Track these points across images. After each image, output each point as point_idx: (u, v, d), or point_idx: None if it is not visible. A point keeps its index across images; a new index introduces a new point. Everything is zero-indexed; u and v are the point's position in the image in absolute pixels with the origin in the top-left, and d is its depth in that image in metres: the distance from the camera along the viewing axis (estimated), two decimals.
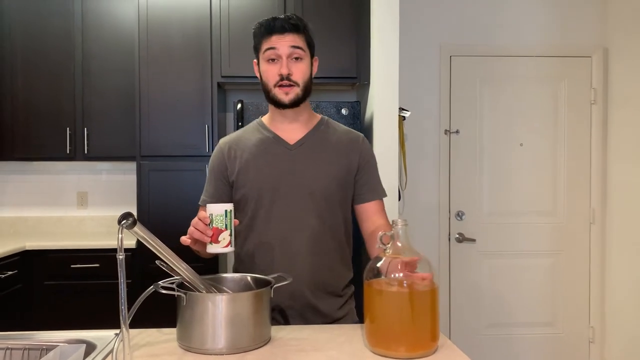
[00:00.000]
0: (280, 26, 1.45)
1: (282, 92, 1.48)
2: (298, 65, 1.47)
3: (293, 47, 1.46)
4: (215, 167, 1.59)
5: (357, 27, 3.16)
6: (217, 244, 1.30)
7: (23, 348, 1.25)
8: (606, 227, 3.56)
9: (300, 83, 1.48)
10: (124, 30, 3.37)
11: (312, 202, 1.50)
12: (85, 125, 3.37)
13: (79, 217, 3.69)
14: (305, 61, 1.49)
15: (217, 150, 1.61)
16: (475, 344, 3.54)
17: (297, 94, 1.48)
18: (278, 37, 1.45)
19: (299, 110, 1.53)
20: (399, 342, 1.14)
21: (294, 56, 1.47)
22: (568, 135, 3.59)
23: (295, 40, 1.46)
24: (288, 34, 1.46)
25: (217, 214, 1.30)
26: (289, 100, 1.48)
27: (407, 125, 3.34)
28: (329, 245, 1.53)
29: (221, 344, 1.16)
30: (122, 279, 0.98)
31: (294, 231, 1.50)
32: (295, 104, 1.50)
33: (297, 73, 1.47)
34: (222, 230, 1.29)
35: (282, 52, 1.46)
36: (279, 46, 1.45)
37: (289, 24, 1.46)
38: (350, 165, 1.56)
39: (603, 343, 3.57)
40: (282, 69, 1.46)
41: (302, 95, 1.50)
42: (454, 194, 3.57)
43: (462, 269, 3.57)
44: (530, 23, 3.58)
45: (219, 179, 1.58)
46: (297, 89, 1.48)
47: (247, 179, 1.52)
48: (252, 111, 3.00)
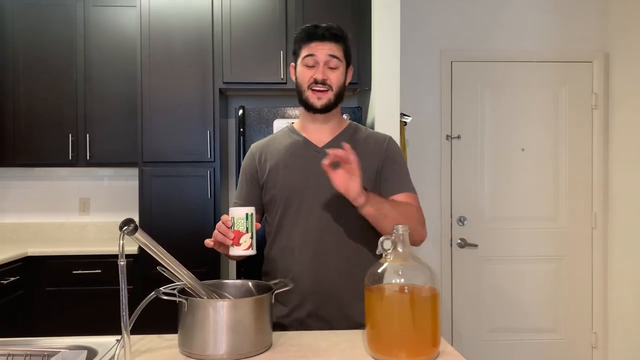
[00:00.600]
0: (321, 34, 1.53)
1: (315, 96, 1.53)
2: (334, 72, 1.53)
3: (330, 55, 1.52)
4: (247, 171, 1.64)
5: (358, 32, 3.17)
6: (238, 246, 1.33)
7: (25, 354, 1.24)
8: (608, 232, 3.56)
9: (334, 87, 1.53)
10: (126, 37, 3.38)
11: (341, 203, 1.51)
12: (87, 131, 3.38)
13: (81, 223, 3.69)
14: (340, 70, 1.55)
15: (249, 155, 1.66)
16: (477, 349, 3.53)
17: (329, 98, 1.54)
18: (317, 44, 1.52)
19: (330, 115, 1.59)
20: (400, 347, 1.14)
21: (330, 65, 1.52)
22: (569, 140, 3.59)
23: (333, 50, 1.53)
24: (327, 43, 1.52)
25: (239, 217, 1.32)
26: (321, 104, 1.54)
27: (409, 130, 3.35)
28: (358, 246, 1.55)
29: (222, 350, 1.16)
30: (123, 285, 0.98)
31: (323, 232, 1.52)
32: (327, 109, 1.55)
33: (332, 78, 1.53)
34: (243, 233, 1.32)
35: (319, 58, 1.52)
36: (318, 53, 1.52)
37: (330, 32, 1.53)
38: (377, 165, 1.58)
39: (606, 349, 3.56)
40: (318, 74, 1.52)
41: (335, 100, 1.55)
42: (455, 199, 3.57)
43: (464, 275, 3.56)
44: (531, 28, 3.59)
45: (250, 182, 1.63)
46: (330, 93, 1.54)
47: (277, 180, 1.56)
48: (254, 117, 3.01)
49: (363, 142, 1.61)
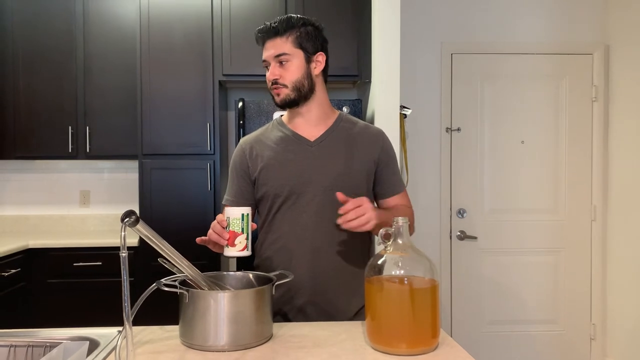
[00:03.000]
0: (263, 35, 1.53)
1: (275, 94, 1.54)
2: (285, 68, 1.52)
3: (276, 55, 1.51)
4: (238, 166, 1.62)
5: (358, 24, 3.16)
6: (233, 247, 1.32)
7: (27, 345, 1.25)
8: (607, 224, 3.57)
9: (288, 84, 1.52)
10: (125, 29, 3.38)
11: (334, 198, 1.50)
12: (87, 123, 3.38)
13: (82, 215, 3.70)
14: (293, 62, 1.52)
15: (239, 150, 1.64)
16: (476, 341, 3.54)
17: (286, 94, 1.52)
18: (267, 45, 1.53)
19: (307, 108, 1.57)
20: (400, 338, 1.15)
21: (279, 61, 1.52)
22: (569, 133, 3.59)
23: (278, 46, 1.51)
24: (271, 40, 1.52)
25: (234, 218, 1.31)
26: (280, 101, 1.54)
27: (409, 123, 3.35)
28: (353, 240, 1.55)
29: (223, 341, 1.17)
30: (125, 276, 0.99)
31: (318, 226, 1.52)
32: (288, 104, 1.54)
33: (284, 76, 1.52)
34: (238, 234, 1.31)
35: (268, 60, 1.53)
36: (265, 56, 1.54)
37: (271, 30, 1.52)
38: (371, 159, 1.59)
39: (604, 340, 3.58)
40: (269, 75, 1.53)
41: (295, 95, 1.53)
42: (455, 191, 3.57)
43: (464, 267, 3.57)
44: (531, 20, 3.58)
45: (242, 177, 1.61)
46: (285, 90, 1.52)
47: (270, 176, 1.55)
48: (254, 109, 3.00)
49: (357, 135, 1.60)
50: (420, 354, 1.15)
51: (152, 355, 1.15)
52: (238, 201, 1.59)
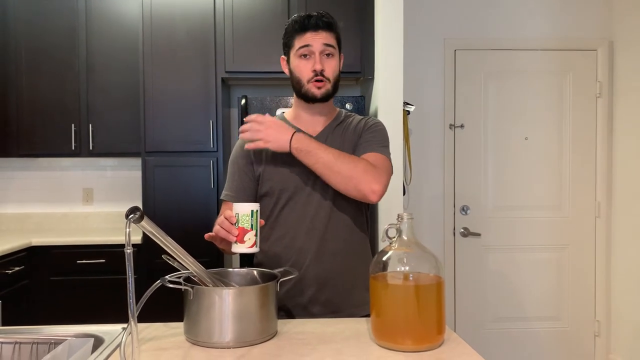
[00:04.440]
0: (314, 24, 1.51)
1: (314, 87, 1.52)
2: (330, 61, 1.53)
3: (326, 44, 1.51)
4: (240, 161, 1.61)
5: (361, 21, 3.15)
6: (242, 243, 1.31)
7: (32, 342, 1.25)
8: (612, 221, 3.55)
9: (331, 79, 1.53)
10: (128, 27, 3.37)
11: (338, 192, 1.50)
12: (90, 121, 3.38)
13: (85, 213, 3.70)
14: (336, 58, 1.54)
15: (241, 145, 1.62)
16: (480, 338, 3.54)
17: (327, 89, 1.53)
18: (312, 34, 1.51)
19: (326, 104, 1.58)
20: (405, 335, 1.14)
21: (326, 53, 1.52)
22: (573, 129, 3.57)
23: (328, 38, 1.52)
24: (321, 32, 1.51)
25: (244, 214, 1.30)
26: (321, 94, 1.53)
27: (412, 119, 3.34)
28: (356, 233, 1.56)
29: (228, 338, 1.17)
30: (130, 272, 0.98)
31: (323, 221, 1.52)
32: (325, 99, 1.54)
33: (328, 69, 1.52)
34: (247, 230, 1.30)
35: (315, 49, 1.50)
36: (313, 43, 1.50)
37: (323, 21, 1.51)
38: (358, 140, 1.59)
39: (609, 337, 3.57)
40: (316, 64, 1.50)
41: (332, 90, 1.55)
42: (458, 188, 3.56)
43: (467, 264, 3.56)
44: (535, 16, 3.56)
45: (245, 172, 1.60)
46: (328, 84, 1.53)
47: (275, 172, 1.55)
48: (257, 106, 3.00)
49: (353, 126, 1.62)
50: (426, 351, 1.15)
51: (157, 352, 1.15)
52: (238, 196, 1.58)
